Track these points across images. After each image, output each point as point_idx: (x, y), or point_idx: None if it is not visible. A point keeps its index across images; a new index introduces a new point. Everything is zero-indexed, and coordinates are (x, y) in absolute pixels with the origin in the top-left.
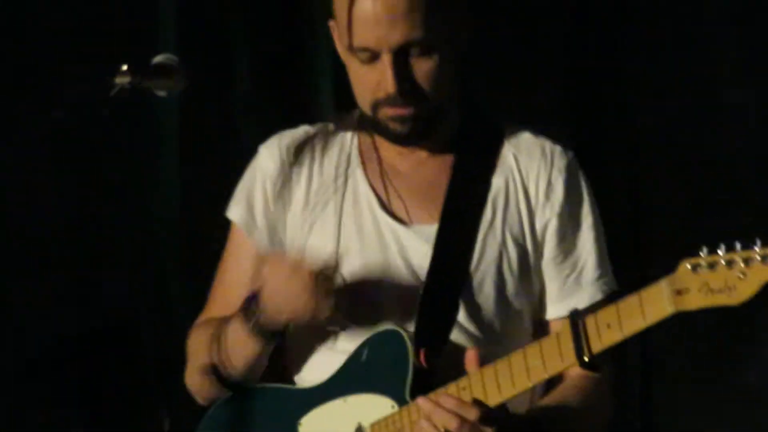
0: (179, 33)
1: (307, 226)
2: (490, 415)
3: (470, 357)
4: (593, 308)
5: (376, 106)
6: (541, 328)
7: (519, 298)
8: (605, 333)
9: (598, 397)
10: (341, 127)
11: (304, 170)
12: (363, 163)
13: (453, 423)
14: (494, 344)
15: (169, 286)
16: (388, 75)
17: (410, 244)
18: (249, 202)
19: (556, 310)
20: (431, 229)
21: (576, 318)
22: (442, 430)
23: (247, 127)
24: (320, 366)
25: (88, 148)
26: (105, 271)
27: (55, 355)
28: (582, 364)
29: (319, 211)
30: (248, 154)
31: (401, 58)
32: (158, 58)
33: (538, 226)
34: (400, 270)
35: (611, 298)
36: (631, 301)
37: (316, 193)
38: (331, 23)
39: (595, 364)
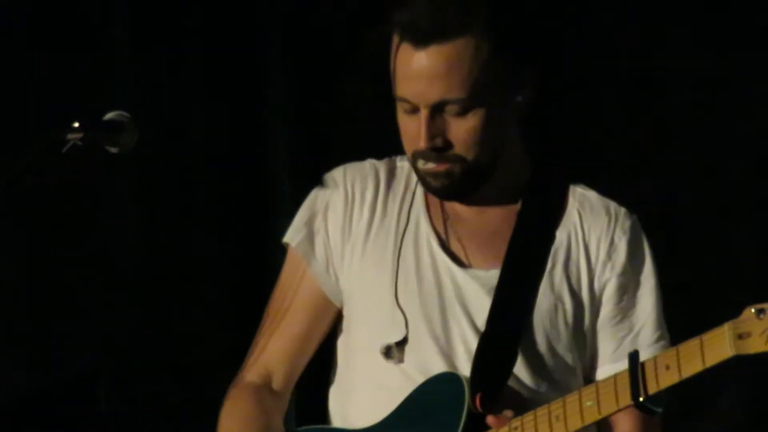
0: (132, 89)
1: (367, 259)
2: None
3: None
4: None
5: (414, 157)
6: None
7: (571, 353)
8: (663, 374)
9: None
10: (406, 165)
11: (367, 204)
12: (427, 203)
13: None
14: (546, 396)
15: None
16: (422, 130)
17: (467, 287)
18: (310, 230)
19: (607, 370)
20: (488, 275)
21: (636, 358)
22: None
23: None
24: (368, 405)
25: (43, 204)
26: (61, 324)
27: (10, 414)
28: (636, 404)
29: (380, 246)
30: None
31: (438, 114)
32: (110, 115)
33: (597, 285)
34: (455, 311)
35: None
36: (692, 344)
37: (378, 228)
38: None
39: (647, 406)
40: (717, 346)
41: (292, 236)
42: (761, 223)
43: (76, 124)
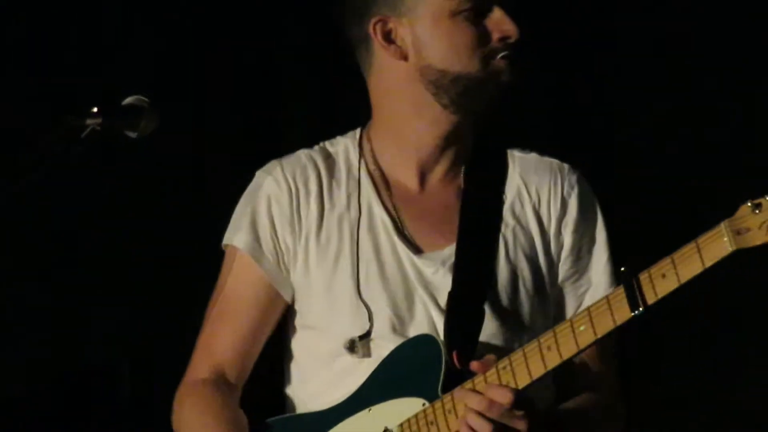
0: (153, 74)
1: (322, 251)
2: (522, 398)
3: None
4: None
5: (489, 58)
6: None
7: (536, 311)
8: (660, 283)
9: (611, 409)
10: (341, 150)
11: (313, 195)
12: (376, 188)
13: (483, 405)
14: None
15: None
16: (508, 21)
17: (426, 269)
18: (254, 228)
19: None
20: (445, 253)
21: (628, 274)
22: (476, 417)
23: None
24: (333, 391)
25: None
26: (84, 311)
27: (33, 397)
28: (637, 317)
29: (335, 237)
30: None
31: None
32: (129, 100)
33: (553, 246)
34: (419, 293)
35: None
36: (687, 249)
37: (329, 218)
38: (380, 19)
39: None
40: (715, 244)
41: (235, 236)
42: None
43: (95, 109)
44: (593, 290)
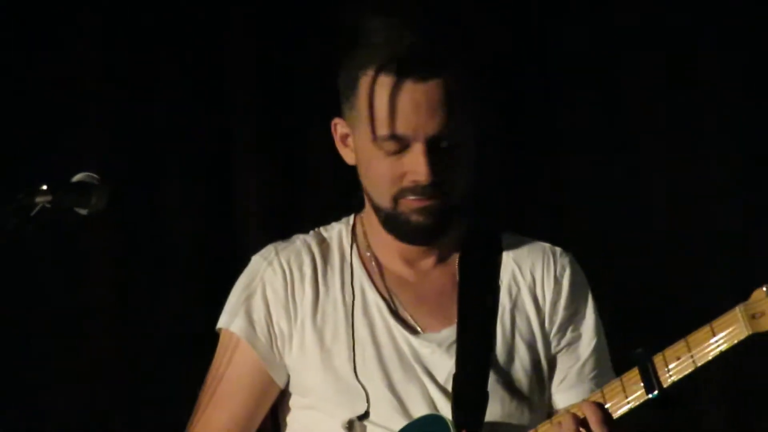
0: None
1: (318, 335)
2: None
3: None
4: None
5: (399, 196)
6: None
7: (535, 388)
8: (675, 366)
9: None
10: (335, 235)
11: (308, 280)
12: (368, 273)
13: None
14: (523, 426)
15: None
16: (422, 163)
17: (423, 350)
18: (248, 312)
19: (558, 400)
20: (441, 336)
21: (643, 357)
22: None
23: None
24: None
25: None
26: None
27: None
28: (652, 401)
29: (330, 320)
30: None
31: (433, 149)
32: (78, 176)
33: (547, 325)
34: (417, 373)
35: None
36: (702, 332)
37: (324, 303)
38: (336, 122)
39: (668, 402)
40: (731, 329)
41: (230, 321)
42: None
43: (45, 187)
44: (580, 367)
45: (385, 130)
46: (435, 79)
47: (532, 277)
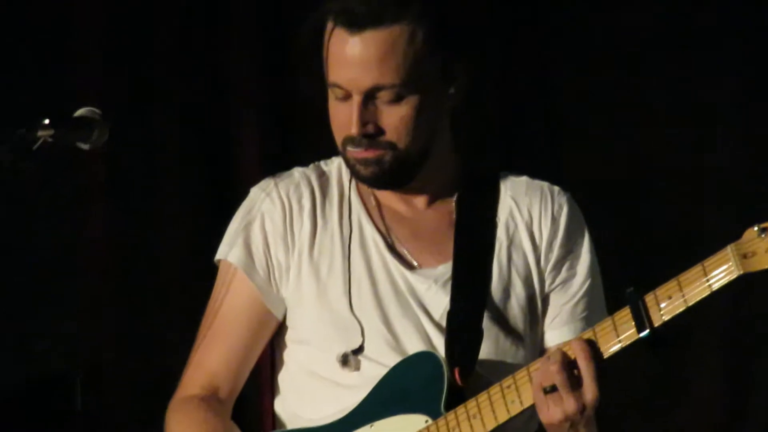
0: (103, 85)
1: (314, 268)
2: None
3: None
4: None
5: (344, 144)
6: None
7: (527, 331)
8: (666, 305)
9: None
10: (334, 169)
11: (306, 212)
12: (366, 207)
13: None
14: (516, 365)
15: (100, 341)
16: (354, 116)
17: (419, 285)
18: (246, 243)
19: (550, 337)
20: (437, 272)
21: (634, 296)
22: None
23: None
24: (327, 404)
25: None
26: (35, 326)
27: None
28: (644, 339)
29: (327, 254)
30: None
31: (370, 101)
32: (80, 111)
33: (543, 263)
34: (412, 308)
35: None
36: (693, 272)
37: (321, 236)
38: None
39: (659, 343)
40: (722, 268)
41: (227, 251)
42: None
43: (47, 121)
44: (573, 306)
45: (329, 76)
46: (373, 31)
47: (529, 215)
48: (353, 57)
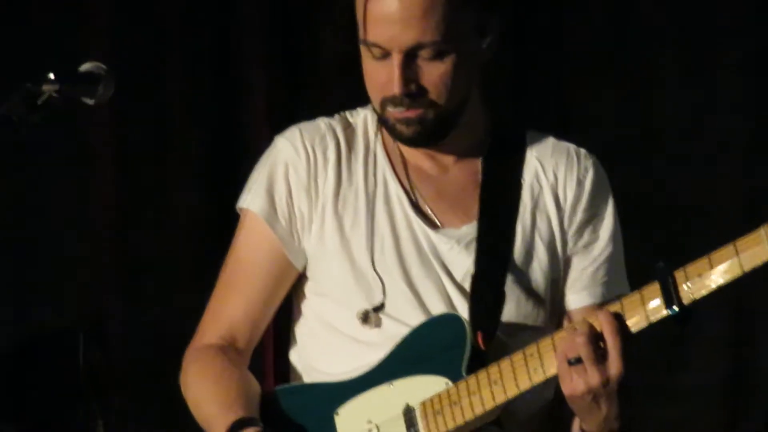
0: (108, 40)
1: (339, 221)
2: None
3: None
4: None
5: (383, 104)
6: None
7: (550, 295)
8: (696, 283)
9: None
10: (360, 121)
11: (331, 164)
12: (391, 163)
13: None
14: (537, 330)
15: (102, 299)
16: (396, 75)
17: (442, 246)
18: (269, 193)
19: (570, 300)
20: (461, 232)
21: (664, 272)
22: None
23: (181, 130)
24: (344, 359)
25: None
26: (37, 284)
27: None
28: (672, 316)
29: (351, 207)
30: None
31: (411, 59)
32: (85, 66)
33: (566, 225)
34: (434, 268)
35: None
36: (725, 251)
37: (347, 189)
38: None
39: (684, 319)
40: (754, 248)
41: (251, 200)
42: None
43: (52, 76)
44: (594, 270)
45: (365, 35)
46: None
47: (554, 177)
48: (393, 14)
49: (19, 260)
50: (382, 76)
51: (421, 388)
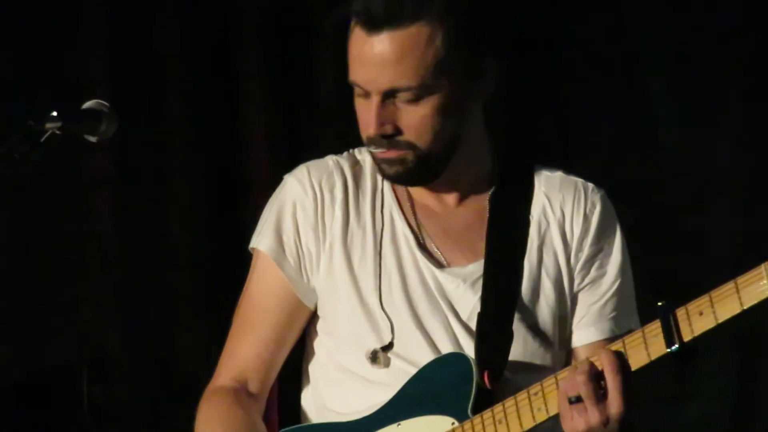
0: (109, 79)
1: (346, 260)
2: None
3: None
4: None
5: (368, 143)
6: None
7: (557, 333)
8: (697, 321)
9: None
10: (369, 159)
11: (338, 203)
12: (398, 201)
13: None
14: (545, 369)
15: (106, 334)
16: (372, 117)
17: (448, 284)
18: (278, 232)
19: (578, 337)
20: (467, 271)
21: (665, 310)
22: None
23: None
24: (356, 398)
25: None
26: (40, 321)
27: None
28: (673, 354)
29: (359, 246)
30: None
31: (390, 100)
32: (88, 104)
33: (573, 261)
34: (441, 307)
35: None
36: (726, 288)
37: (355, 228)
38: None
39: (687, 356)
40: (755, 285)
41: (259, 240)
42: None
43: (55, 113)
44: (602, 305)
45: (350, 75)
46: (390, 32)
47: (561, 212)
48: (371, 58)
49: (22, 297)
50: (365, 116)
51: (427, 428)
